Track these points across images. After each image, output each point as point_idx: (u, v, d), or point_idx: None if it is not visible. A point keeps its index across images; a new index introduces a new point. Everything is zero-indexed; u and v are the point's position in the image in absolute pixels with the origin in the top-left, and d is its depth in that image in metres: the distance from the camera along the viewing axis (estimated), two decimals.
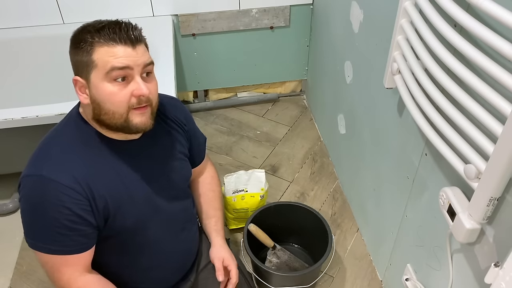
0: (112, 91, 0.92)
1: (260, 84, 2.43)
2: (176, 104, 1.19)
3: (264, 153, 2.17)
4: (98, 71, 0.91)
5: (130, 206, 1.02)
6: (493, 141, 0.78)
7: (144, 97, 0.94)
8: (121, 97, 0.93)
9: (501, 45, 0.70)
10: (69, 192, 0.93)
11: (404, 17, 1.05)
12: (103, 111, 0.94)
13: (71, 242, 0.97)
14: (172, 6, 2.03)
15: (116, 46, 0.91)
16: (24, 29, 1.95)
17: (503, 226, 0.87)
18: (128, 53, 0.91)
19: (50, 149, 0.98)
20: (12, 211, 1.87)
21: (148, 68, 0.96)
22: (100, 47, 0.90)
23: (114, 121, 0.95)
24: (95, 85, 0.93)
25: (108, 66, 0.90)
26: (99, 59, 0.91)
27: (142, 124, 0.97)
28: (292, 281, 1.48)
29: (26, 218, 0.97)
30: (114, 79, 0.91)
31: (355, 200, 1.85)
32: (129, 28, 0.93)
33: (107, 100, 0.93)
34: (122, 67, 0.91)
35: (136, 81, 0.93)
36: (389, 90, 1.33)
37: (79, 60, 0.93)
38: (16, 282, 1.65)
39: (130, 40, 0.92)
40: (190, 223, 1.24)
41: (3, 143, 1.74)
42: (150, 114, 0.98)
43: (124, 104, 0.93)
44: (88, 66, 0.92)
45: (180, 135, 1.16)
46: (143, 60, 0.94)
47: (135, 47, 0.92)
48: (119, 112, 0.94)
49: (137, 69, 0.93)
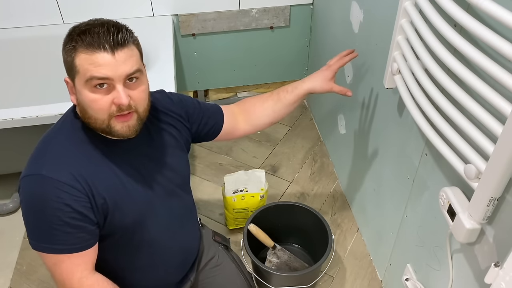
0: (93, 98, 0.91)
1: (260, 84, 2.43)
2: (163, 96, 1.17)
3: (264, 153, 2.17)
4: (80, 77, 0.90)
5: (128, 205, 1.02)
6: (493, 141, 0.78)
7: (123, 106, 0.92)
8: (101, 105, 0.91)
9: (501, 45, 0.70)
10: (69, 190, 0.93)
11: (404, 17, 1.05)
12: (86, 115, 0.94)
13: (76, 239, 0.96)
14: (172, 6, 2.03)
15: (95, 53, 0.87)
16: (24, 29, 1.95)
17: (503, 226, 0.87)
18: (108, 61, 0.88)
19: (48, 148, 0.98)
20: (12, 211, 1.87)
21: (133, 76, 0.92)
22: (81, 52, 0.88)
23: (97, 126, 0.95)
24: (78, 90, 0.92)
25: (88, 74, 0.88)
26: (80, 65, 0.89)
27: (123, 132, 0.95)
28: (292, 281, 1.48)
29: (29, 219, 0.97)
30: (94, 86, 0.90)
31: (355, 200, 1.85)
32: (113, 31, 0.89)
33: (88, 106, 0.92)
34: (101, 77, 0.89)
35: (117, 89, 0.91)
36: (389, 90, 1.33)
37: (66, 62, 0.92)
38: (16, 282, 1.65)
39: (110, 46, 0.88)
40: (190, 220, 1.24)
41: (3, 143, 1.74)
42: (136, 121, 0.96)
43: (104, 111, 0.92)
44: (72, 70, 0.91)
45: (176, 129, 1.15)
46: (124, 70, 0.90)
47: (114, 53, 0.88)
48: (101, 118, 0.93)
49: (118, 78, 0.90)
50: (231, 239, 1.49)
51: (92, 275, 1.01)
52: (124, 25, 0.93)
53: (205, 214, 1.88)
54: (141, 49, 0.98)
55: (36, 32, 1.94)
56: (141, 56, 0.97)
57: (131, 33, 0.94)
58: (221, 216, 1.88)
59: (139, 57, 0.96)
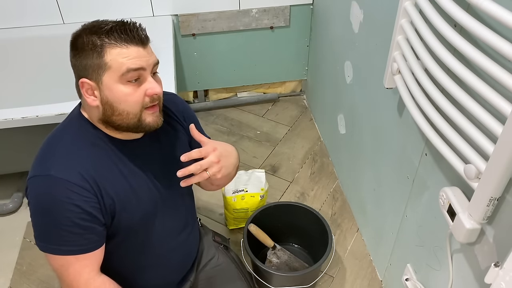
0: (128, 92, 0.93)
1: (260, 84, 2.43)
2: (176, 100, 1.19)
3: (264, 153, 2.17)
4: (112, 72, 0.91)
5: (135, 206, 1.02)
6: (493, 141, 0.78)
7: (157, 95, 0.96)
8: (136, 98, 0.94)
9: (501, 45, 0.70)
10: (79, 190, 0.93)
11: (404, 17, 1.05)
12: (116, 112, 0.94)
13: (85, 240, 0.96)
14: (172, 6, 2.03)
15: (129, 47, 0.91)
16: (24, 29, 1.95)
17: (503, 226, 0.88)
18: (141, 54, 0.92)
19: (55, 149, 0.97)
20: (12, 211, 1.87)
21: (156, 67, 0.98)
22: (112, 48, 0.90)
23: (127, 121, 0.96)
24: (109, 86, 0.92)
25: (124, 68, 0.90)
26: (113, 60, 0.90)
27: (154, 123, 0.98)
28: (292, 281, 1.48)
29: (37, 220, 0.96)
30: (129, 80, 0.92)
31: (355, 200, 1.85)
32: (137, 28, 0.94)
33: (123, 101, 0.93)
34: (137, 68, 0.92)
35: (149, 80, 0.95)
36: (389, 90, 1.33)
37: (88, 63, 0.92)
38: (16, 282, 1.65)
39: (141, 40, 0.93)
40: (192, 222, 1.24)
41: (3, 143, 1.74)
42: (159, 112, 1.00)
43: (138, 104, 0.95)
44: (100, 68, 0.91)
45: (181, 132, 1.16)
46: (153, 60, 0.95)
47: (145, 47, 0.94)
48: (134, 112, 0.95)
49: (149, 69, 0.94)
50: (231, 239, 1.49)
51: (99, 276, 1.01)
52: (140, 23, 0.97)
53: (205, 214, 1.88)
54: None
55: (36, 32, 1.94)
56: None
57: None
58: (221, 216, 1.88)
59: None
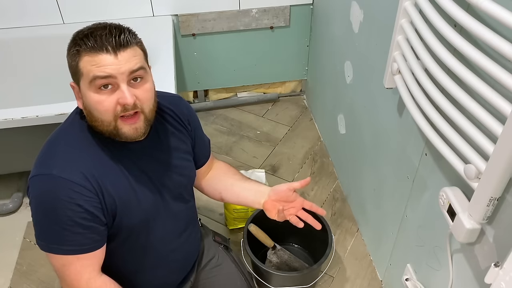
0: (98, 100, 0.91)
1: (260, 84, 2.43)
2: (179, 102, 1.18)
3: (264, 153, 2.17)
4: (84, 80, 0.91)
5: (136, 206, 1.02)
6: (493, 141, 0.78)
7: (128, 105, 0.92)
8: (106, 106, 0.91)
9: (501, 45, 0.70)
10: (80, 190, 0.93)
11: (404, 17, 1.05)
12: (93, 118, 0.94)
13: (86, 240, 0.96)
14: (172, 6, 2.03)
15: (98, 55, 0.88)
16: (24, 29, 1.95)
17: (503, 226, 0.87)
18: (110, 61, 0.88)
19: (57, 148, 0.97)
20: (12, 211, 1.87)
21: (137, 74, 0.92)
22: (84, 55, 0.89)
23: (104, 128, 0.94)
24: (84, 93, 0.92)
25: (91, 75, 0.89)
26: (84, 67, 0.90)
27: (131, 134, 0.95)
28: (292, 281, 1.48)
29: (39, 220, 0.96)
30: (99, 87, 0.90)
31: (355, 200, 1.85)
32: (115, 33, 0.89)
33: (94, 109, 0.92)
34: (105, 76, 0.89)
35: (121, 89, 0.91)
36: (389, 90, 1.33)
37: (71, 66, 0.93)
38: (16, 282, 1.65)
39: (113, 47, 0.88)
40: (193, 223, 1.24)
41: (3, 143, 1.74)
42: (143, 122, 0.96)
43: (110, 112, 0.92)
44: (77, 74, 0.92)
45: (184, 134, 1.15)
46: (127, 68, 0.90)
47: (117, 54, 0.89)
48: (107, 120, 0.93)
49: (121, 77, 0.90)
50: (231, 239, 1.49)
51: (100, 276, 1.01)
52: (127, 27, 0.94)
53: (205, 214, 1.88)
54: (145, 50, 0.98)
55: (36, 32, 1.94)
56: (145, 57, 0.97)
57: (134, 35, 0.94)
58: (221, 216, 1.88)
59: (143, 57, 0.96)
